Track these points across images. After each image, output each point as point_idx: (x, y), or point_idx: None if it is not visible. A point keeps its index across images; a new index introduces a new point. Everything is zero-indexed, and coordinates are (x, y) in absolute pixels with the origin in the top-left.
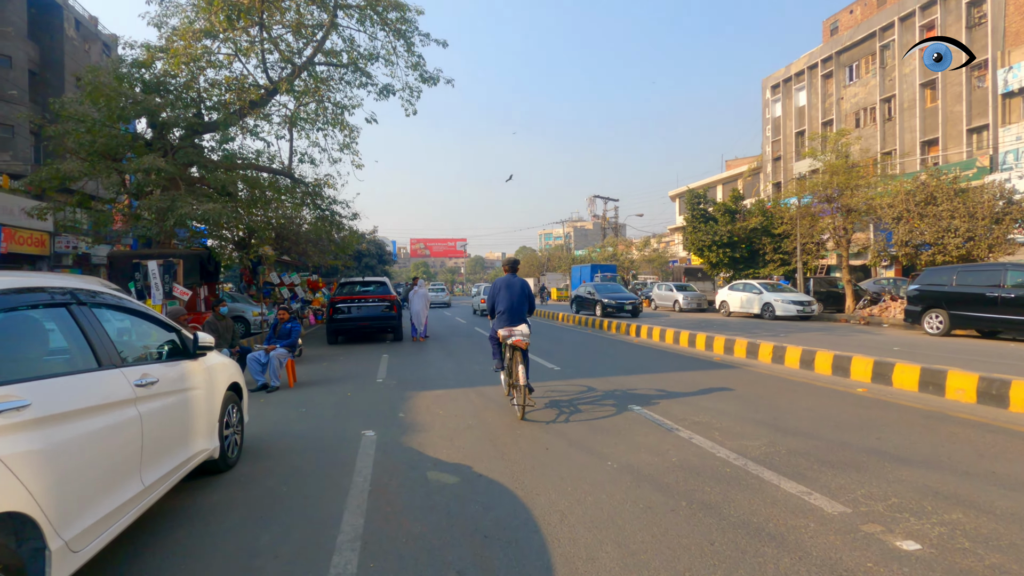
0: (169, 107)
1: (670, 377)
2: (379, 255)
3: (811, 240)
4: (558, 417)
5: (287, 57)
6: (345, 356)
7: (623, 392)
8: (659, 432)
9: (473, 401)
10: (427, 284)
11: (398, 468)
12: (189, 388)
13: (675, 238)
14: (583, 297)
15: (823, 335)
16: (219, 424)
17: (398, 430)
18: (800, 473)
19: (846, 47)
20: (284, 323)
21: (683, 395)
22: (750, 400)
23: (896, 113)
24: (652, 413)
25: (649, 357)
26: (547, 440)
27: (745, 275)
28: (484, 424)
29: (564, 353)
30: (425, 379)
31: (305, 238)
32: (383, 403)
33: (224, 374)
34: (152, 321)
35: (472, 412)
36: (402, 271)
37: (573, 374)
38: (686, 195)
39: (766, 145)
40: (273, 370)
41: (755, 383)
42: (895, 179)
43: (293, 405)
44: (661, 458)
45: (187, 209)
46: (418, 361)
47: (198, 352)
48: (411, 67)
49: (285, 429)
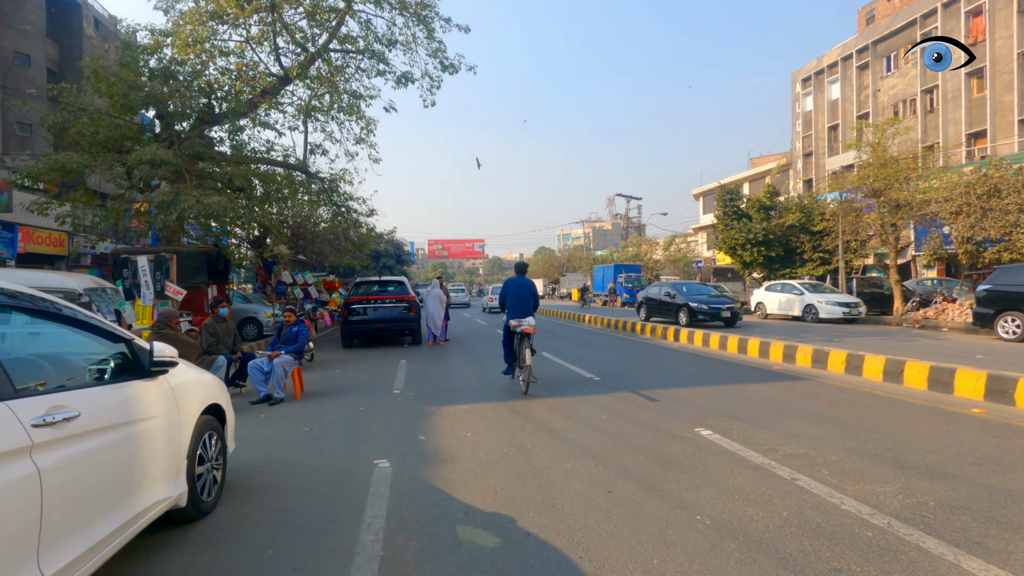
0: (177, 96)
1: (732, 391)
2: (397, 255)
3: (855, 238)
4: (611, 443)
5: (300, 43)
6: (360, 361)
7: (682, 409)
8: (748, 469)
9: (505, 420)
10: (444, 284)
11: (419, 519)
12: (139, 419)
13: (698, 238)
14: (657, 300)
15: (881, 340)
16: (189, 461)
17: (418, 459)
18: (978, 542)
19: (883, 36)
20: (290, 326)
21: (758, 415)
22: (845, 423)
23: (939, 104)
24: (729, 440)
25: (696, 364)
26: (606, 478)
27: (781, 275)
28: (522, 452)
29: (598, 359)
30: (447, 390)
31: (322, 237)
32: (400, 421)
33: (198, 394)
34: (90, 330)
35: (506, 435)
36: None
37: (615, 384)
38: (717, 191)
39: (796, 141)
40: (277, 380)
41: (839, 400)
42: (949, 171)
43: (297, 422)
44: (766, 511)
45: (191, 203)
46: (439, 368)
47: (155, 369)
48: (431, 54)
49: (284, 454)
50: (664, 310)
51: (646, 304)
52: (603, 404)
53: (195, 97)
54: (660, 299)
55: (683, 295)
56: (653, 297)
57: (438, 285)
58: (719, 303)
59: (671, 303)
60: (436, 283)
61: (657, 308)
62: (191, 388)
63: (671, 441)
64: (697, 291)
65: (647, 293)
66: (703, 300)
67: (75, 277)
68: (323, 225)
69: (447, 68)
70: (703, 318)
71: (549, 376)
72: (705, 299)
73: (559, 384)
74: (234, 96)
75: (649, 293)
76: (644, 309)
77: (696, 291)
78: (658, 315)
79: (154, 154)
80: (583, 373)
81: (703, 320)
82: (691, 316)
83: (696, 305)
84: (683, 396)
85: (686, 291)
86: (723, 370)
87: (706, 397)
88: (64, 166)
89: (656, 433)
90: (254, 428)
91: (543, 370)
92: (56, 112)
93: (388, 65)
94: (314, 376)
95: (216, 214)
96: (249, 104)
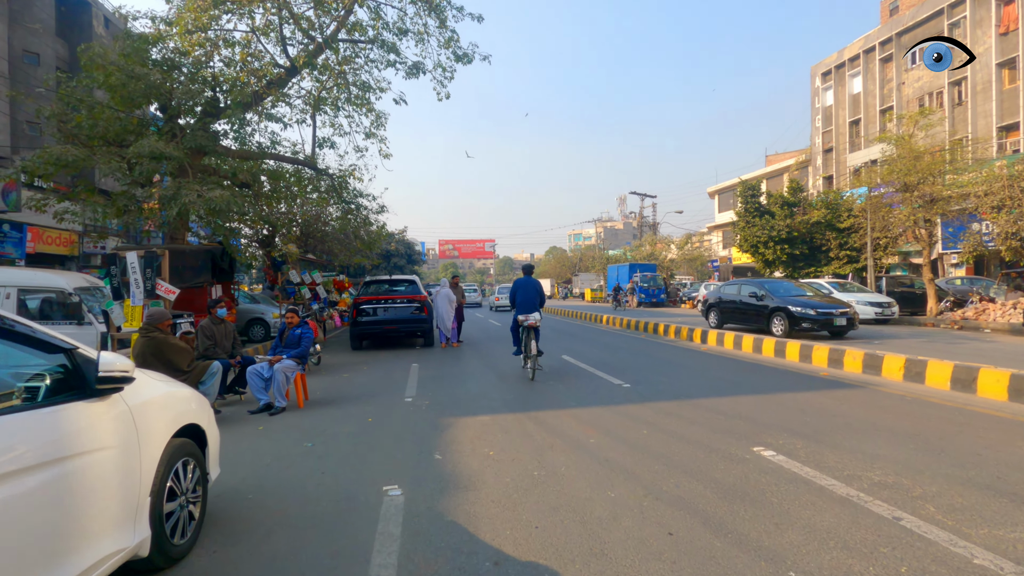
0: (180, 87)
1: (781, 401)
2: (408, 255)
3: (885, 235)
4: (658, 466)
5: (305, 30)
6: (369, 365)
7: (731, 423)
8: (835, 503)
9: (532, 435)
10: None
11: (438, 570)
12: (80, 452)
13: (712, 236)
14: (736, 303)
15: (925, 343)
16: (154, 499)
17: (434, 485)
18: None
19: (908, 27)
20: (292, 328)
21: (822, 431)
22: (928, 442)
23: (968, 97)
24: (799, 463)
25: (733, 370)
26: (662, 514)
27: (805, 274)
28: (555, 477)
29: (624, 364)
30: (464, 399)
31: (332, 236)
32: (413, 436)
33: (168, 414)
34: (14, 338)
35: (533, 454)
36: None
37: (649, 394)
38: (738, 187)
39: (815, 136)
40: (278, 387)
41: (909, 413)
42: (987, 164)
43: (298, 435)
44: (877, 566)
45: (192, 197)
46: (454, 373)
47: (101, 387)
48: (443, 44)
49: (281, 476)
50: (746, 315)
51: (718, 308)
52: (639, 416)
53: (199, 91)
54: (741, 301)
55: (778, 296)
56: (729, 299)
57: (448, 284)
58: (829, 308)
59: (757, 306)
60: (445, 282)
61: (735, 313)
62: (158, 407)
63: (729, 464)
64: (790, 291)
65: (720, 294)
66: (807, 303)
67: (65, 276)
68: (333, 224)
69: (460, 58)
70: (809, 327)
71: (574, 383)
72: (809, 302)
73: (586, 392)
74: (239, 88)
75: (723, 294)
76: (715, 314)
77: (788, 291)
78: (737, 322)
79: (153, 147)
80: (610, 379)
81: (809, 329)
82: (791, 324)
83: (800, 310)
84: (727, 407)
85: (780, 291)
86: (761, 376)
87: (754, 408)
88: (60, 159)
89: (709, 453)
90: (250, 442)
91: (566, 375)
92: (54, 103)
93: (399, 55)
94: (320, 381)
95: (219, 209)
96: (255, 96)
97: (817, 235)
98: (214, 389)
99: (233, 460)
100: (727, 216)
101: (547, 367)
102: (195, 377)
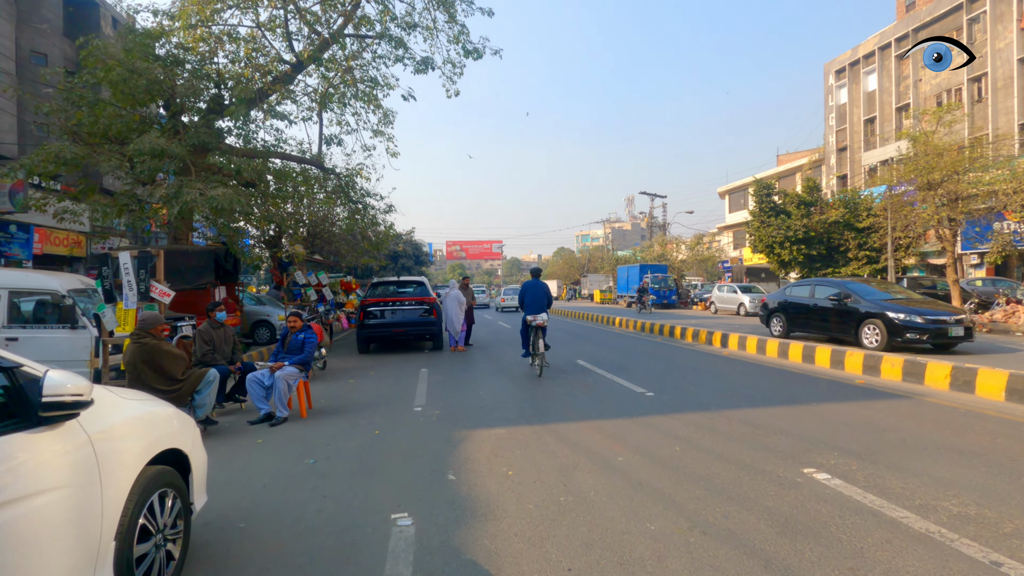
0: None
1: (821, 412)
2: (416, 256)
3: (907, 234)
4: (700, 491)
5: (310, 23)
6: (377, 370)
7: (773, 439)
8: (914, 541)
9: (553, 451)
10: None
11: None
12: (19, 497)
13: (723, 237)
14: (809, 307)
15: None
16: (120, 542)
17: (448, 512)
18: None
19: (926, 23)
20: (295, 333)
21: (876, 449)
22: (1000, 463)
23: (988, 93)
24: (862, 490)
25: (756, 375)
26: (714, 554)
27: (822, 275)
28: (585, 503)
29: (643, 369)
30: (477, 408)
31: (339, 237)
32: (424, 451)
33: (141, 440)
34: None
35: (557, 474)
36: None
37: (674, 402)
38: (753, 186)
39: (829, 135)
40: (279, 396)
41: (967, 427)
42: (1011, 160)
43: (299, 450)
44: None
45: (194, 195)
46: (465, 379)
47: (47, 414)
48: (452, 40)
49: (278, 499)
50: (825, 323)
51: (784, 313)
52: (669, 430)
53: (203, 88)
54: (816, 306)
55: (867, 299)
56: (799, 302)
57: (457, 286)
58: (941, 315)
59: (841, 312)
60: (455, 283)
61: (809, 319)
62: (128, 432)
63: (780, 489)
64: (874, 292)
65: (784, 296)
66: (911, 309)
67: (59, 277)
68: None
69: (470, 53)
70: (914, 337)
71: (592, 391)
72: (912, 307)
73: (607, 401)
74: (243, 84)
75: (791, 296)
76: (779, 320)
77: (873, 293)
78: (810, 330)
79: (154, 143)
80: (631, 387)
81: (913, 341)
82: (890, 334)
83: (903, 317)
84: (763, 420)
85: (867, 293)
86: (792, 383)
87: (794, 421)
88: (59, 156)
89: (755, 475)
90: (246, 457)
91: (583, 382)
92: (53, 99)
93: (407, 50)
94: (325, 388)
95: (221, 207)
96: (260, 93)
97: (835, 235)
98: (210, 399)
99: (225, 480)
100: (737, 217)
101: (562, 373)
102: (190, 386)
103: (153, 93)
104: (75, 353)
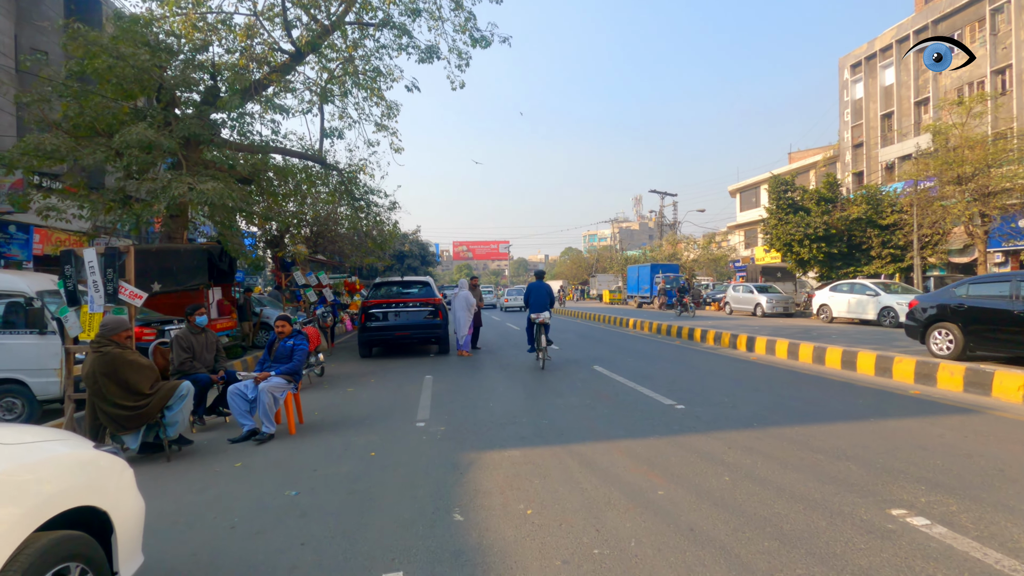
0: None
1: (884, 431)
2: (422, 256)
3: (937, 230)
4: (766, 540)
5: (309, 8)
6: (378, 376)
7: (839, 466)
8: None
9: (578, 480)
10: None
11: None
12: None
13: (733, 236)
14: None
15: None
16: None
17: (453, 570)
18: None
19: (945, 14)
20: (283, 340)
21: (972, 483)
22: None
23: (1013, 86)
24: (977, 543)
25: (796, 384)
26: None
27: (843, 274)
28: (624, 554)
29: (668, 377)
30: (487, 424)
31: (343, 237)
32: (426, 481)
33: (19, 501)
34: None
35: (587, 514)
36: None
37: (710, 418)
38: (770, 182)
39: (844, 131)
40: (264, 410)
41: None
42: None
43: (280, 478)
44: None
45: (182, 189)
46: (472, 388)
47: None
48: (459, 28)
49: (246, 547)
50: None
51: (959, 322)
52: (711, 453)
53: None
54: (1018, 312)
55: None
56: (991, 307)
57: (467, 286)
58: None
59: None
60: (464, 283)
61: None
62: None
63: (871, 539)
64: None
65: (961, 298)
66: None
67: (27, 277)
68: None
69: (477, 42)
70: None
71: (613, 402)
72: None
73: (633, 416)
74: (238, 74)
75: (971, 297)
76: (950, 332)
77: None
78: (1009, 347)
79: (142, 135)
80: (658, 398)
81: None
82: None
83: None
84: (819, 440)
85: None
86: (837, 393)
87: (855, 442)
88: (39, 149)
89: (832, 519)
90: (219, 487)
91: (602, 392)
92: (33, 87)
93: (411, 38)
94: (320, 397)
95: (213, 203)
96: (256, 84)
97: (857, 232)
98: (183, 415)
99: (190, 518)
100: (748, 215)
101: (579, 381)
102: (159, 401)
103: (143, 83)
104: (43, 361)
